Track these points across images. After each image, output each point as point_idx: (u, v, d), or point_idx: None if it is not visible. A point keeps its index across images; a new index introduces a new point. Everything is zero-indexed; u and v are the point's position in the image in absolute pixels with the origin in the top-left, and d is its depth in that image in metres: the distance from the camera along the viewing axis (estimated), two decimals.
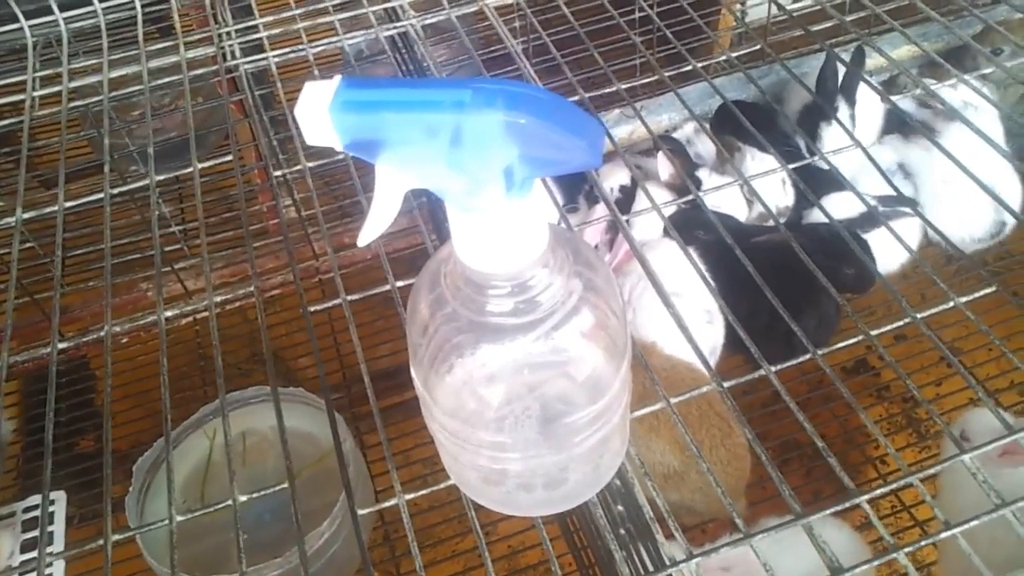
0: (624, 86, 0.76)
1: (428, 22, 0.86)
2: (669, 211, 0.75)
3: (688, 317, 0.61)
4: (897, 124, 1.22)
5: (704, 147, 1.21)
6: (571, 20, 0.83)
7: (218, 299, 0.60)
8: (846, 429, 1.28)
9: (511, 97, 0.33)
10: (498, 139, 0.33)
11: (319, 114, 0.34)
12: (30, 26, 0.87)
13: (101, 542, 0.51)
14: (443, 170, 0.35)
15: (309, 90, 0.34)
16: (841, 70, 1.09)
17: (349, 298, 0.61)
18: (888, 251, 1.07)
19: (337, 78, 0.35)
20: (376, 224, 0.38)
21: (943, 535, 0.44)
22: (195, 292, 1.22)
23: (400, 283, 0.62)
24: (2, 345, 0.61)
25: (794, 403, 0.54)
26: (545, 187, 0.76)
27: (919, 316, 0.55)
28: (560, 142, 0.33)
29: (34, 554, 1.03)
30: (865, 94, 1.13)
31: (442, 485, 0.50)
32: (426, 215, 0.76)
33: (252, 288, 0.60)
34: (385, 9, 0.89)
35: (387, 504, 0.51)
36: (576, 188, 1.23)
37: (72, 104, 0.82)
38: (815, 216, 1.15)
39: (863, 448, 1.27)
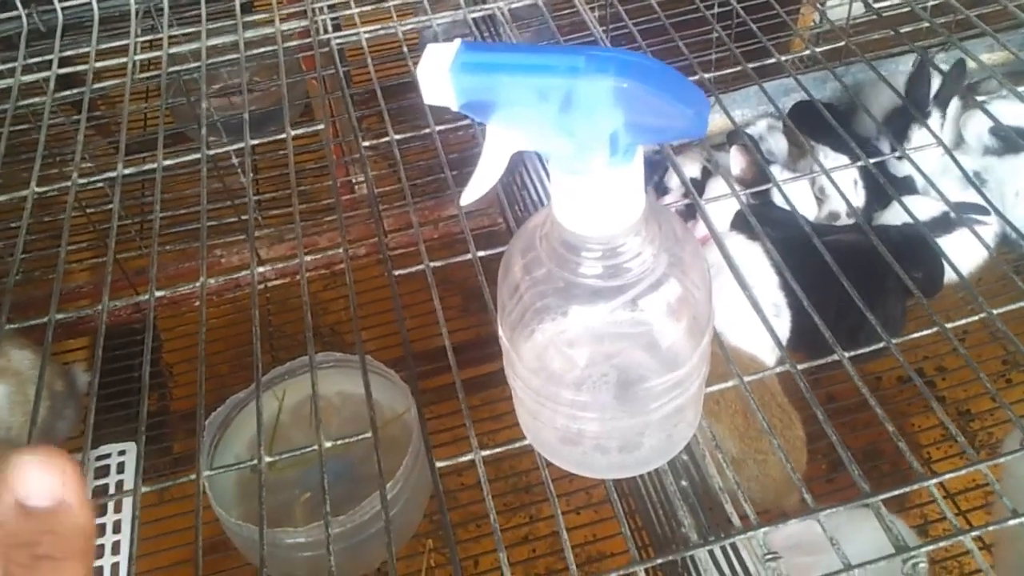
0: (706, 76, 0.77)
1: (514, 7, 0.87)
2: (739, 206, 0.76)
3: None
4: (975, 139, 1.22)
5: (776, 144, 1.21)
6: (658, 11, 0.84)
7: (308, 258, 0.63)
8: (902, 432, 1.28)
9: (623, 64, 0.35)
10: (607, 104, 0.35)
11: (439, 74, 0.36)
12: None
13: (193, 477, 0.54)
14: (551, 133, 0.36)
15: (431, 52, 0.36)
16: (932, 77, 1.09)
17: (432, 264, 0.63)
18: (957, 258, 1.07)
19: (457, 41, 0.37)
20: (482, 183, 0.40)
21: (1012, 522, 0.45)
22: (267, 261, 1.25)
23: (481, 253, 0.64)
24: (103, 294, 0.64)
25: (867, 394, 0.55)
26: None
27: (995, 312, 0.56)
28: (667, 110, 0.35)
29: (104, 499, 1.07)
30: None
31: (516, 444, 0.52)
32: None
33: (341, 250, 0.62)
34: None
35: (464, 458, 0.53)
36: (645, 179, 1.23)
37: (171, 70, 0.85)
38: (884, 219, 1.15)
39: (916, 453, 1.26)
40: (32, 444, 0.29)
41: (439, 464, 0.53)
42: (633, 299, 0.41)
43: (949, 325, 0.56)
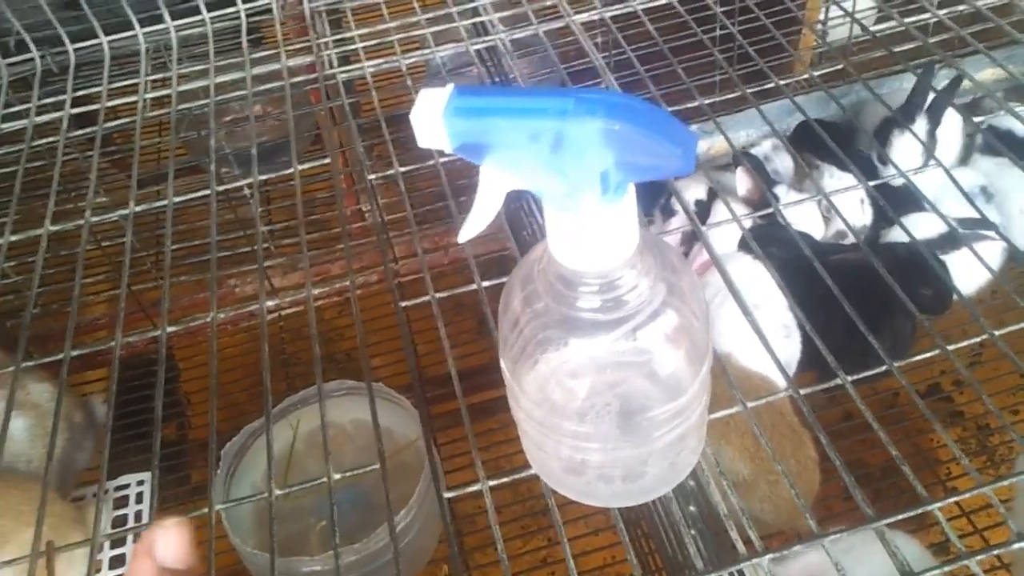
0: (707, 101, 0.78)
1: (515, 36, 0.89)
2: (745, 225, 0.77)
3: (765, 330, 0.62)
4: (981, 150, 1.21)
5: (781, 164, 1.21)
6: (655, 36, 0.85)
7: (316, 291, 0.64)
8: (918, 450, 1.27)
9: (611, 106, 0.36)
10: (596, 145, 0.36)
11: (433, 119, 0.37)
12: (144, 33, 0.93)
13: (206, 511, 0.55)
14: (543, 173, 0.37)
15: (424, 96, 0.37)
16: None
17: (438, 295, 0.64)
18: (965, 275, 1.06)
19: (450, 86, 0.38)
20: (477, 221, 0.40)
21: (1015, 546, 0.45)
22: (280, 290, 1.27)
23: (485, 283, 0.65)
24: (116, 329, 0.65)
25: (869, 417, 0.55)
26: None
27: (996, 333, 0.56)
28: (656, 149, 0.36)
29: (121, 531, 1.08)
30: (946, 120, 1.13)
31: (524, 473, 0.52)
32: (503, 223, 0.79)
33: (348, 282, 0.63)
34: (474, 24, 0.92)
35: (472, 488, 0.53)
36: (652, 201, 1.24)
37: (181, 107, 0.87)
38: (892, 236, 1.14)
39: (934, 469, 1.26)
40: (169, 517, 0.37)
41: (448, 495, 0.53)
42: (632, 330, 0.42)
43: (958, 345, 0.56)
